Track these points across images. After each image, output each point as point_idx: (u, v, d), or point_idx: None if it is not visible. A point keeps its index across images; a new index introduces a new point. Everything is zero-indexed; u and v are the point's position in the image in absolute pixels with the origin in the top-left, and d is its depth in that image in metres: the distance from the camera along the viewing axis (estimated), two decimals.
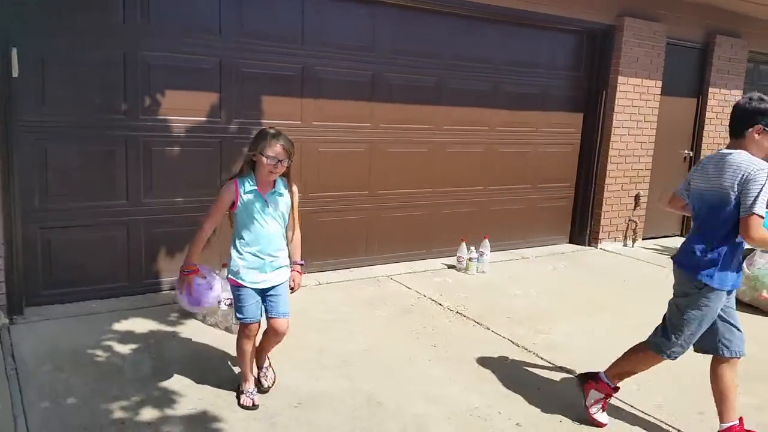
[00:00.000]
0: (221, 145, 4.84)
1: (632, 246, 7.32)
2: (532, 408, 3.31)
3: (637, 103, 6.98)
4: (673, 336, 2.89)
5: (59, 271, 4.35)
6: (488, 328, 4.45)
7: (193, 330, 4.08)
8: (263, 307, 3.14)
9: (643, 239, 7.58)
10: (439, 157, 5.98)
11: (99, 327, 4.00)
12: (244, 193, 3.01)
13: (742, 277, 5.47)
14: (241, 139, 4.82)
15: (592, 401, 3.12)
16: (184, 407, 3.11)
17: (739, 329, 2.94)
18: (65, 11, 4.15)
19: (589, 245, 7.18)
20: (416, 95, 5.71)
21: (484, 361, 3.88)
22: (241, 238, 3.06)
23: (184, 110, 4.67)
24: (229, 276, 3.11)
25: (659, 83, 7.13)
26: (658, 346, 2.95)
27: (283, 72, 5.04)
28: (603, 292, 5.50)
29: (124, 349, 3.72)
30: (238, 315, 3.12)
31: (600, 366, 3.26)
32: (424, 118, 5.79)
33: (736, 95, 8.08)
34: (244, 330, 3.12)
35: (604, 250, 7.09)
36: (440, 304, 4.91)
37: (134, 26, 4.39)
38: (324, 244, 5.43)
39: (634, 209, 7.33)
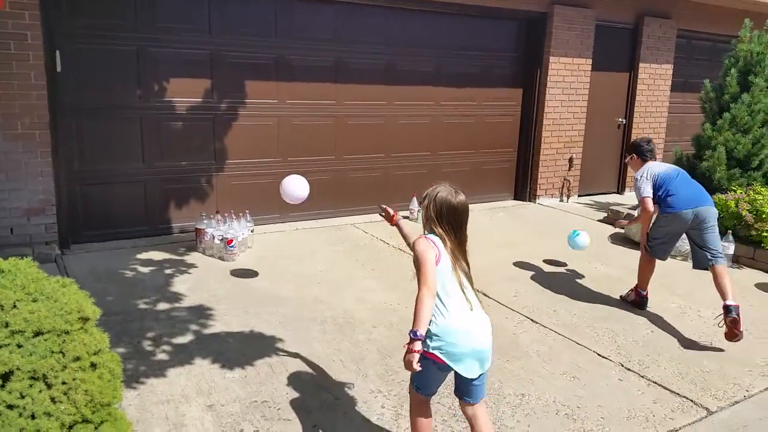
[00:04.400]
0: (214, 120, 6.22)
1: (567, 201, 8.66)
2: None
3: (568, 79, 8.25)
4: None
5: (95, 217, 5.80)
6: None
7: (195, 258, 5.53)
8: None
9: (579, 195, 8.91)
10: (392, 128, 7.32)
11: (126, 256, 5.46)
12: None
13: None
14: (230, 115, 6.22)
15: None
16: (187, 303, 4.56)
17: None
18: (92, 20, 5.52)
19: (529, 201, 8.54)
20: (371, 77, 7.03)
21: (407, 278, 5.28)
22: None
23: (185, 93, 6.03)
24: None
25: (589, 61, 8.37)
26: None
27: (261, 61, 6.38)
28: (520, 234, 6.90)
29: (145, 269, 5.18)
30: None
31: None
32: (379, 96, 7.12)
33: (666, 69, 9.32)
34: None
35: (541, 204, 8.45)
36: (387, 243, 6.31)
37: (143, 29, 5.74)
38: None
39: (569, 170, 8.65)
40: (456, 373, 2.58)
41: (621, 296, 5.05)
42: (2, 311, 2.01)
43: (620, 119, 9.23)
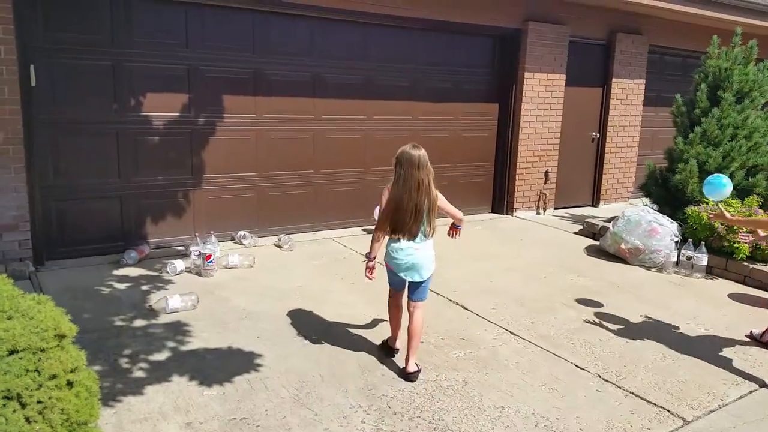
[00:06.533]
0: (191, 134, 6.19)
1: (543, 214, 8.76)
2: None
3: (543, 94, 8.38)
4: None
5: (70, 233, 5.72)
6: None
7: (171, 275, 5.46)
8: None
9: (555, 208, 9.01)
10: (371, 142, 7.36)
11: (102, 273, 5.38)
12: None
13: (609, 233, 6.93)
14: (207, 130, 6.20)
15: None
16: (163, 319, 4.51)
17: None
18: (68, 35, 5.47)
19: (506, 214, 8.62)
20: (349, 91, 7.06)
21: (386, 292, 5.28)
22: None
23: (162, 107, 6.00)
24: None
25: (563, 76, 8.52)
26: None
27: (239, 75, 6.38)
28: (497, 246, 6.95)
29: (121, 286, 5.11)
30: None
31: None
32: (357, 110, 7.16)
33: (639, 84, 9.52)
34: None
35: (518, 217, 8.54)
36: None
37: (120, 44, 5.71)
38: (278, 212, 6.82)
39: (545, 183, 8.76)
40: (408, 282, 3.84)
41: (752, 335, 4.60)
42: None
43: (594, 133, 9.38)
